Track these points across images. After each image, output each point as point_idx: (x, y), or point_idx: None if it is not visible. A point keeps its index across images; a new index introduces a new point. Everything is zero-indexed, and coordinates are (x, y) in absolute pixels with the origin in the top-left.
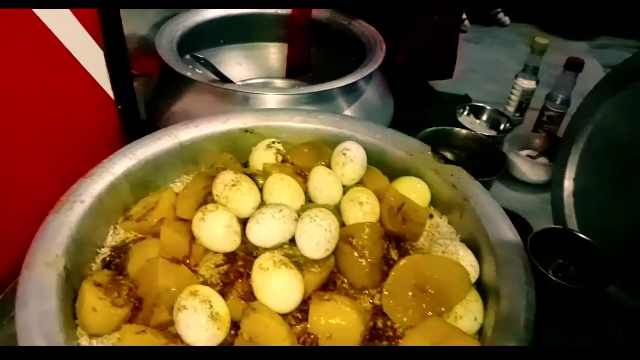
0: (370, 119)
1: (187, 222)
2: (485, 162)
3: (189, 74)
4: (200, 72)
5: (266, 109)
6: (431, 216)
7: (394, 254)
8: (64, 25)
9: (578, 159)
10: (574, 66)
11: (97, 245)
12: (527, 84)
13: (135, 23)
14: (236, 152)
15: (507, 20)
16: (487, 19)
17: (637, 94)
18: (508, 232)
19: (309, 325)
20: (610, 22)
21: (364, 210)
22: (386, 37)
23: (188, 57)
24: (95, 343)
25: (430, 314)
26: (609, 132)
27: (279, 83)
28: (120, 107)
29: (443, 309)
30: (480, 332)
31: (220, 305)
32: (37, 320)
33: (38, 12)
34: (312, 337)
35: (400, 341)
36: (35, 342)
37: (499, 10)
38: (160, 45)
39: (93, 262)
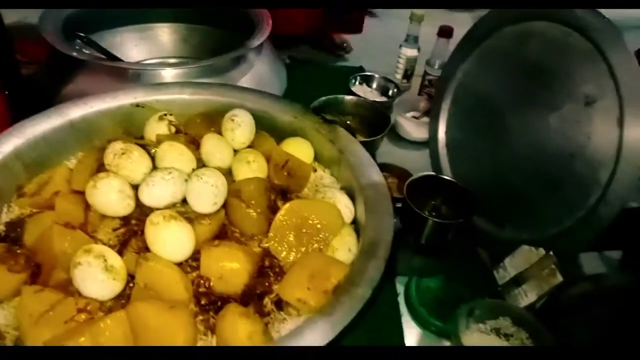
0: (263, 89)
1: (82, 194)
2: (374, 125)
3: (74, 54)
4: (88, 52)
5: (156, 84)
6: (315, 170)
7: (280, 204)
8: None
9: (447, 114)
10: (445, 33)
11: None
12: (410, 52)
13: (23, 11)
14: (130, 127)
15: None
16: None
17: (489, 53)
18: (375, 177)
19: (201, 270)
20: None
21: (251, 168)
22: None
23: (77, 41)
24: None
25: (310, 249)
26: (471, 85)
27: (174, 62)
28: (6, 92)
29: (321, 245)
30: None
31: (114, 258)
32: None
33: None
34: (205, 279)
35: (285, 275)
36: None
37: None
38: (45, 28)
39: None
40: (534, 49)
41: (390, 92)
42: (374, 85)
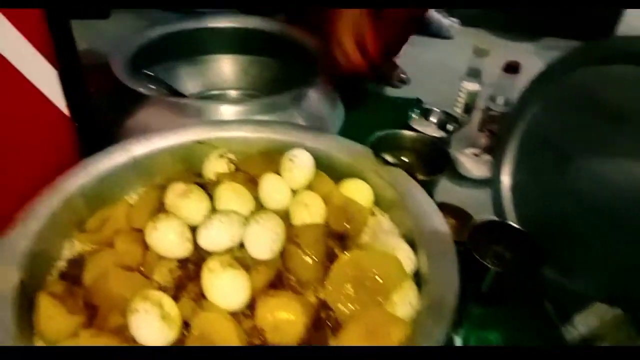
0: (321, 126)
1: (141, 232)
2: (432, 161)
3: (141, 89)
4: (153, 87)
5: (217, 120)
6: (373, 214)
7: (337, 251)
8: (12, 45)
9: (512, 154)
10: (511, 69)
11: (53, 257)
12: (471, 86)
13: (90, 39)
14: (190, 163)
15: (456, 26)
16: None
17: (563, 90)
18: (439, 225)
19: (255, 320)
20: (555, 23)
21: (309, 211)
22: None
23: (144, 71)
24: None
25: (369, 303)
26: (541, 126)
27: (235, 94)
28: (76, 124)
29: (381, 298)
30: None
31: (170, 306)
32: None
33: None
34: (259, 330)
35: (342, 330)
36: None
37: (445, 23)
38: (114, 62)
39: (49, 274)
40: (615, 93)
41: (449, 127)
42: (433, 119)
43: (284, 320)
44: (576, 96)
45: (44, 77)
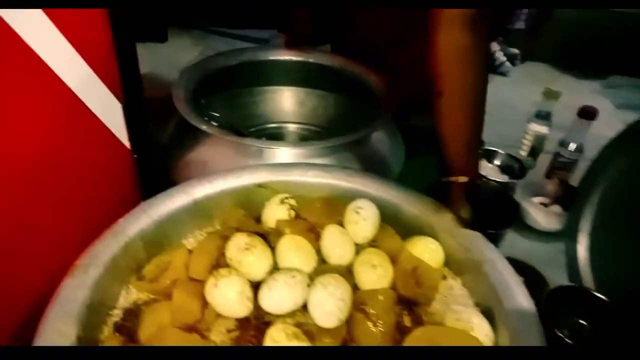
0: (382, 168)
1: (200, 282)
2: (498, 210)
3: (204, 127)
4: (215, 124)
5: (280, 164)
6: (444, 277)
7: (406, 320)
8: (80, 79)
9: (594, 213)
10: (587, 114)
11: (109, 306)
12: (540, 128)
13: (150, 63)
14: (249, 206)
15: (509, 65)
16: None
17: None
18: (523, 301)
19: None
20: (621, 60)
21: (377, 273)
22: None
23: (203, 100)
24: None
25: None
26: (626, 186)
27: (292, 127)
28: (136, 156)
29: None
30: None
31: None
32: None
33: (53, 66)
34: None
35: None
36: None
37: (504, 59)
38: (177, 95)
39: (104, 323)
40: None
41: (514, 172)
42: (497, 162)
43: None
44: None
45: (109, 111)
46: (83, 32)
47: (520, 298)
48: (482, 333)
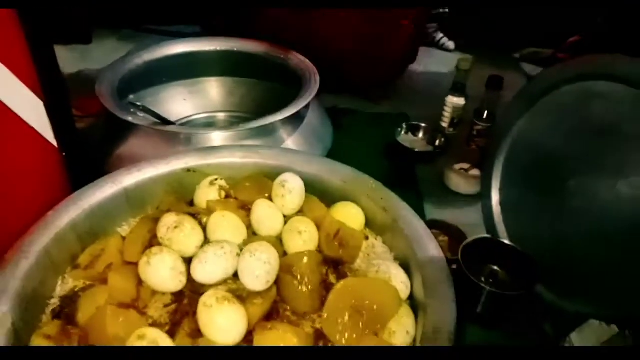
0: (312, 147)
1: (135, 265)
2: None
3: (130, 119)
4: (142, 115)
5: (207, 148)
6: (367, 238)
7: (332, 278)
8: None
9: (501, 171)
10: (494, 83)
11: (46, 296)
12: (457, 100)
13: (77, 64)
14: (181, 191)
15: (451, 44)
16: (430, 43)
17: (545, 111)
18: (433, 251)
19: None
20: (535, 33)
21: (302, 238)
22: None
23: (131, 96)
24: None
25: (366, 332)
26: (529, 143)
27: (222, 116)
28: (64, 154)
29: (378, 326)
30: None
31: (167, 344)
32: None
33: None
34: None
35: None
36: None
37: (442, 35)
38: (101, 91)
39: (42, 313)
40: (598, 110)
41: (437, 142)
42: (420, 135)
43: None
44: (562, 113)
45: (31, 109)
46: None
47: (432, 248)
48: (399, 281)
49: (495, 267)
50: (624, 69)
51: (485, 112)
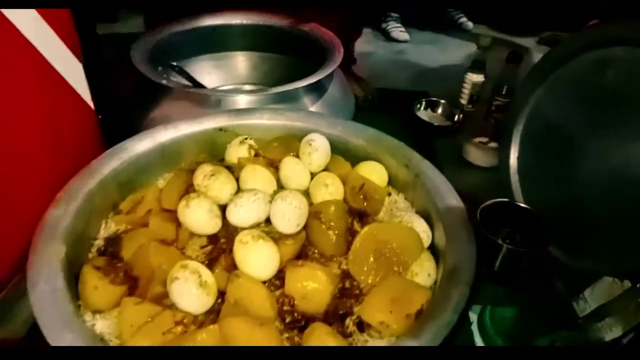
0: (334, 116)
1: (172, 212)
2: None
3: (164, 82)
4: (174, 79)
5: (237, 109)
6: (389, 194)
7: (357, 227)
8: (45, 40)
9: (519, 140)
10: (514, 58)
11: (92, 237)
12: (476, 77)
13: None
14: (213, 149)
15: (469, 24)
16: (449, 22)
17: (563, 80)
18: (453, 201)
19: (285, 289)
20: (554, 18)
21: (329, 191)
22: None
23: (160, 68)
24: (98, 317)
25: (389, 273)
26: (545, 112)
27: (247, 88)
28: (100, 116)
29: (401, 268)
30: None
31: (207, 275)
32: (49, 296)
33: (21, 28)
34: (289, 298)
35: (365, 297)
36: (48, 317)
37: (461, 14)
38: (135, 57)
39: (89, 251)
40: (614, 76)
41: (455, 118)
42: (439, 111)
43: (313, 289)
44: (576, 81)
45: (71, 70)
46: None
47: (451, 199)
48: (420, 230)
49: (511, 229)
50: None
51: (505, 88)
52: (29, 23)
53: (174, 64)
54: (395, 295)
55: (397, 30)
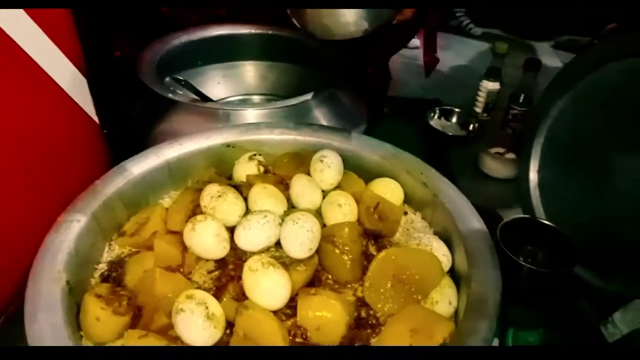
0: (346, 127)
1: (178, 234)
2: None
3: (170, 95)
4: (181, 92)
5: (246, 124)
6: (405, 213)
7: (372, 249)
8: (45, 54)
9: (540, 152)
10: (532, 66)
11: (95, 261)
12: (491, 85)
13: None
14: (220, 166)
15: (478, 30)
16: (457, 30)
17: (589, 89)
18: (476, 223)
19: (298, 319)
20: (570, 21)
21: (342, 211)
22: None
23: (168, 79)
24: None
25: (408, 301)
26: (568, 123)
27: (256, 99)
28: (105, 131)
29: (420, 296)
30: (455, 315)
31: (214, 306)
32: (48, 332)
33: (20, 42)
34: (302, 329)
35: (382, 328)
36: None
37: (469, 21)
38: (141, 70)
39: (92, 277)
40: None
41: (470, 127)
42: (454, 120)
43: (326, 319)
44: (606, 91)
45: (75, 85)
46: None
47: (473, 221)
48: (440, 253)
49: (534, 248)
50: None
51: (522, 96)
52: (33, 39)
53: (180, 78)
54: (414, 326)
55: None
